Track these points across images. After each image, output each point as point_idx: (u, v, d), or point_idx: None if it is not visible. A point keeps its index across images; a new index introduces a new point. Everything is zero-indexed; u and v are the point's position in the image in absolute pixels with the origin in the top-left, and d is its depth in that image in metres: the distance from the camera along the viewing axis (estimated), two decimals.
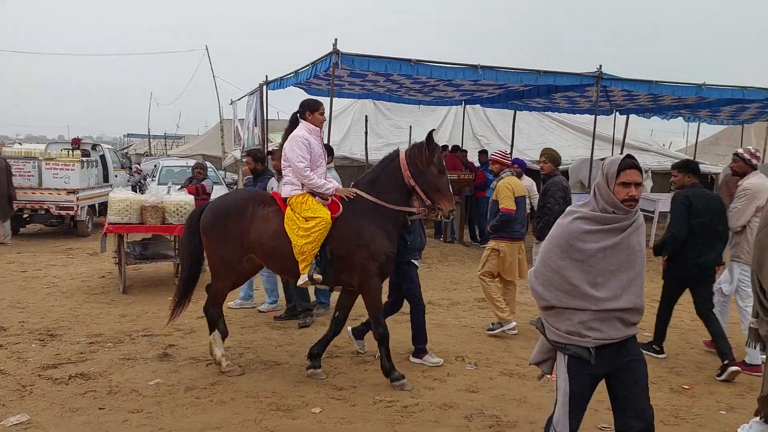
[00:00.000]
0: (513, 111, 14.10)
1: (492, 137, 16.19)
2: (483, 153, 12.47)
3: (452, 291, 8.23)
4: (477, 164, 12.48)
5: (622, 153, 13.67)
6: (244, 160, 7.68)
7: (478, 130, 16.29)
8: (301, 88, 11.39)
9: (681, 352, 5.69)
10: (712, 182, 15.64)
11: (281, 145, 4.94)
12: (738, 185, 5.37)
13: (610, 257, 2.61)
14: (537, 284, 2.76)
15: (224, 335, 5.07)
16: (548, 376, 3.01)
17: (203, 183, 8.97)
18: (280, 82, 10.92)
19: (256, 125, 13.16)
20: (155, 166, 16.59)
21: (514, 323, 6.06)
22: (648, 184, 12.19)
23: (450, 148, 12.82)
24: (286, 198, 4.76)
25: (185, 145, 31.80)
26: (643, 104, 13.36)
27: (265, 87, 11.91)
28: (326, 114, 5.03)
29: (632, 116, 15.07)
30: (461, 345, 5.75)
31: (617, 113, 14.60)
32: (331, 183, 4.82)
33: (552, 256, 2.69)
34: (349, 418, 4.09)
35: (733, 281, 5.41)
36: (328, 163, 6.94)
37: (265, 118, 12.52)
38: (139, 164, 20.73)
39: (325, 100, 5.58)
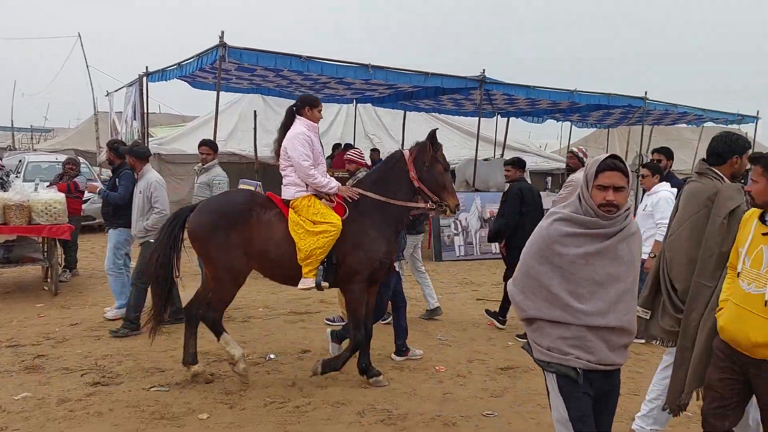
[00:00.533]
0: (403, 111, 14.42)
1: (383, 136, 16.45)
2: (375, 152, 12.64)
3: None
4: (369, 163, 12.62)
5: (503, 154, 14.43)
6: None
7: (369, 128, 16.48)
8: (185, 81, 10.90)
9: None
10: None
11: (279, 143, 4.65)
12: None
13: (593, 265, 2.37)
14: (517, 292, 2.53)
15: (191, 359, 4.62)
16: (438, 368, 3.08)
17: (76, 180, 8.30)
18: (162, 74, 10.37)
19: (135, 119, 12.40)
20: (20, 161, 15.14)
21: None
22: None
23: (342, 146, 12.87)
24: (288, 200, 4.51)
25: (54, 139, 29.36)
26: (522, 108, 14.19)
27: (145, 78, 11.26)
28: (212, 109, 4.83)
29: (512, 119, 15.96)
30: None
31: (499, 116, 15.40)
32: (334, 181, 4.62)
33: (531, 262, 2.46)
34: (239, 422, 3.98)
35: None
36: (211, 159, 6.71)
37: (146, 111, 11.85)
38: (0, 159, 18.81)
39: (210, 95, 5.40)
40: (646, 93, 12.69)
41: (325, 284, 4.41)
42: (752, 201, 2.89)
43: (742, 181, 3.50)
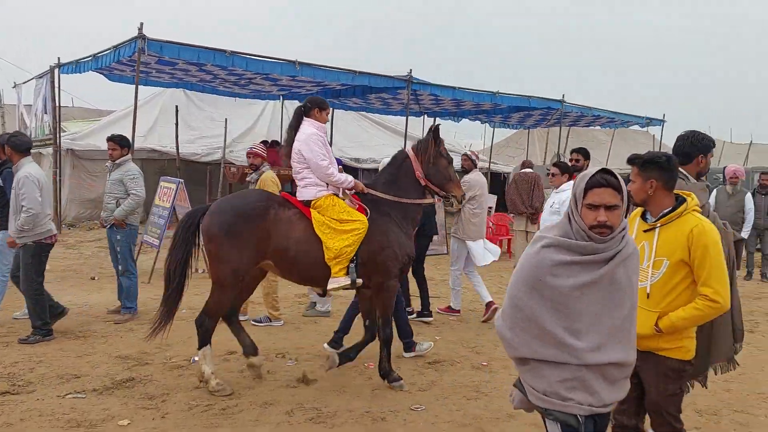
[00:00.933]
0: (331, 109, 14.37)
1: None
2: None
3: (286, 287, 8.13)
4: None
5: None
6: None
7: None
8: (101, 74, 10.39)
9: (481, 333, 6.28)
10: (504, 181, 17.53)
11: (288, 145, 4.62)
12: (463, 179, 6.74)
13: (589, 296, 2.12)
14: (505, 328, 2.25)
15: (253, 351, 4.60)
16: (367, 365, 3.07)
17: None
18: (76, 66, 9.84)
19: (46, 112, 11.73)
20: None
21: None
22: None
23: (270, 142, 12.67)
24: (309, 201, 4.48)
25: None
26: (448, 108, 14.51)
27: (57, 70, 10.65)
28: (131, 103, 4.65)
29: (438, 119, 16.28)
30: (281, 341, 5.72)
31: (425, 115, 15.67)
32: (351, 177, 4.68)
33: (519, 294, 2.19)
34: (162, 427, 3.85)
35: (455, 252, 6.77)
36: (125, 155, 6.39)
37: (57, 104, 11.20)
38: None
39: (128, 88, 5.17)
40: (563, 96, 13.29)
41: (359, 281, 4.45)
42: (633, 200, 3.00)
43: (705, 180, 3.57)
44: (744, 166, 22.80)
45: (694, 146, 3.40)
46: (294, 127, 4.65)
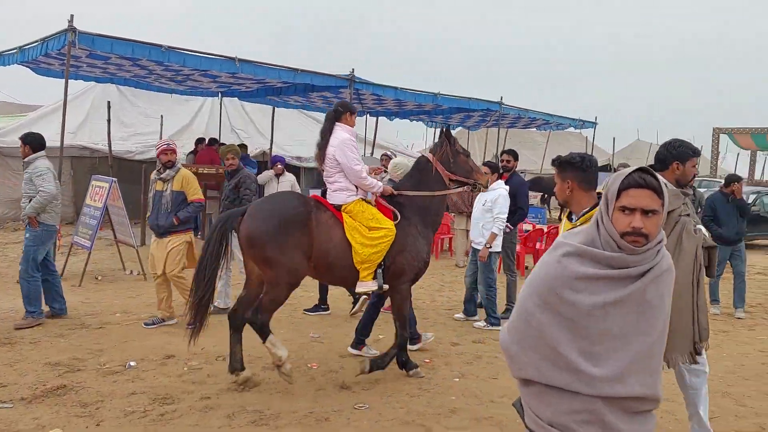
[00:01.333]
0: (272, 107, 14.19)
1: (251, 131, 16.05)
2: (242, 147, 12.29)
3: None
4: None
5: (372, 153, 14.71)
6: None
7: (236, 123, 15.99)
8: (27, 67, 9.85)
9: (425, 331, 6.36)
10: None
11: (321, 149, 4.73)
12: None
13: (614, 317, 1.79)
14: (511, 343, 1.96)
15: (238, 366, 4.54)
16: (311, 365, 3.07)
17: None
18: None
19: None
20: None
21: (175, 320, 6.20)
22: None
23: (207, 141, 12.38)
24: (339, 205, 4.61)
25: None
26: (390, 108, 14.60)
27: None
28: (59, 98, 4.44)
29: (381, 119, 16.36)
30: (222, 344, 5.60)
31: (368, 115, 15.71)
32: (380, 182, 4.87)
33: (531, 307, 1.89)
34: None
35: None
36: (33, 153, 6.02)
37: None
38: None
39: (58, 82, 4.93)
40: (501, 98, 13.62)
41: (385, 286, 4.60)
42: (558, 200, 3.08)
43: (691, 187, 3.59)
44: None
45: (669, 153, 3.42)
46: (327, 131, 4.74)
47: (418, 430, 3.97)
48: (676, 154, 3.41)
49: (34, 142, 6.07)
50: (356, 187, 4.69)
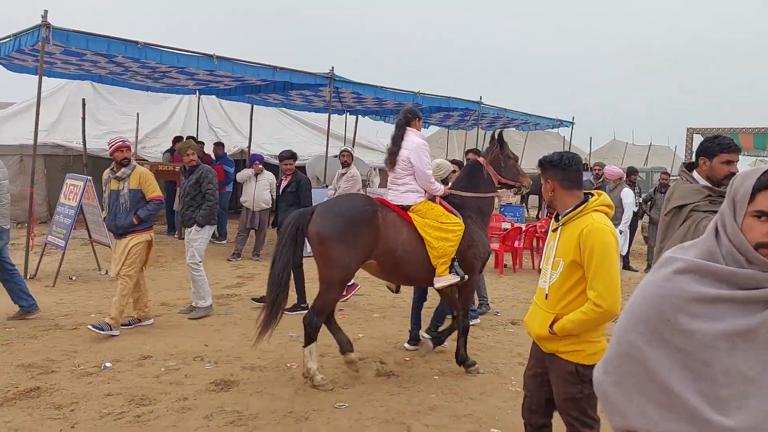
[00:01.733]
0: (250, 105, 14.07)
1: (229, 129, 15.90)
2: (219, 145, 12.19)
3: (188, 290, 7.88)
4: (213, 157, 12.12)
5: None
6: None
7: (214, 121, 15.83)
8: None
9: (404, 329, 6.38)
10: None
11: (393, 153, 4.94)
12: (344, 173, 7.79)
13: (745, 351, 1.41)
14: (608, 385, 1.57)
15: (348, 347, 4.76)
16: (290, 365, 3.05)
17: None
18: None
19: None
20: None
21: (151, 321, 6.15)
22: (376, 180, 13.35)
23: (185, 139, 12.22)
24: (407, 206, 4.84)
25: None
26: (370, 107, 14.58)
27: None
28: (32, 95, 4.34)
29: (361, 117, 16.33)
30: (199, 345, 5.55)
31: (348, 113, 15.66)
32: (441, 184, 5.12)
33: (633, 339, 1.52)
34: None
35: None
36: None
37: None
38: None
39: (31, 79, 4.82)
40: (480, 97, 13.69)
41: (466, 277, 4.82)
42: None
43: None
44: (645, 165, 24.44)
45: (699, 148, 3.37)
46: (399, 137, 4.97)
47: (398, 428, 3.97)
48: (702, 149, 3.33)
49: None
50: (423, 189, 4.96)
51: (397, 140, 4.98)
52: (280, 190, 7.14)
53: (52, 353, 5.09)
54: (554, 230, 2.87)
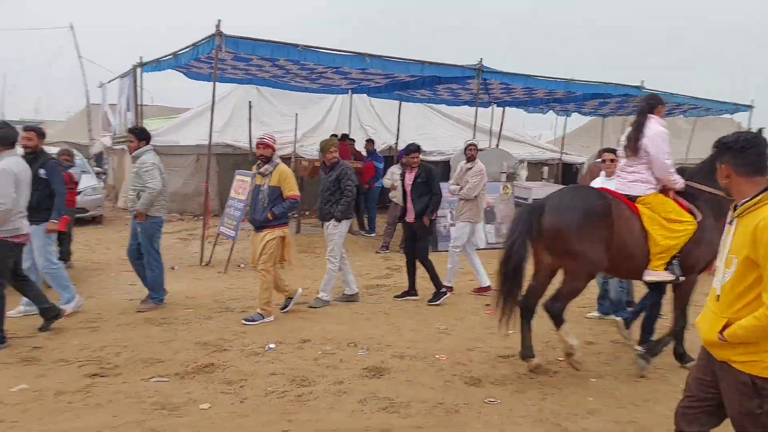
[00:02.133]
0: (398, 101, 14.34)
1: (378, 126, 16.36)
2: (370, 142, 12.57)
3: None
4: (364, 153, 12.54)
5: (498, 144, 14.37)
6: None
7: (364, 119, 16.39)
8: (180, 72, 10.79)
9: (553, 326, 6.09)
10: (576, 172, 16.95)
11: (633, 140, 4.76)
12: (470, 167, 7.42)
13: None
14: None
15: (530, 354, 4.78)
16: (439, 356, 3.02)
17: (70, 171, 8.21)
18: (157, 64, 10.25)
19: (129, 110, 12.31)
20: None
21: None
22: (523, 173, 12.93)
23: (340, 136, 12.79)
24: (635, 196, 4.68)
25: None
26: (518, 97, 14.15)
27: (139, 69, 11.14)
28: (203, 100, 4.70)
29: (507, 109, 15.90)
30: (352, 332, 5.76)
31: (495, 105, 15.34)
32: (681, 178, 4.81)
33: None
34: (240, 411, 3.96)
35: (466, 235, 7.31)
36: (141, 147, 6.41)
37: (139, 103, 11.74)
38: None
39: (206, 85, 5.31)
40: (642, 82, 12.66)
41: (682, 278, 4.63)
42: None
43: None
44: None
45: None
46: (641, 124, 4.77)
47: (553, 429, 3.80)
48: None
49: (138, 134, 6.51)
50: (656, 180, 4.70)
51: (639, 127, 4.76)
52: (409, 182, 7.12)
53: (224, 333, 5.58)
54: (730, 222, 2.56)
